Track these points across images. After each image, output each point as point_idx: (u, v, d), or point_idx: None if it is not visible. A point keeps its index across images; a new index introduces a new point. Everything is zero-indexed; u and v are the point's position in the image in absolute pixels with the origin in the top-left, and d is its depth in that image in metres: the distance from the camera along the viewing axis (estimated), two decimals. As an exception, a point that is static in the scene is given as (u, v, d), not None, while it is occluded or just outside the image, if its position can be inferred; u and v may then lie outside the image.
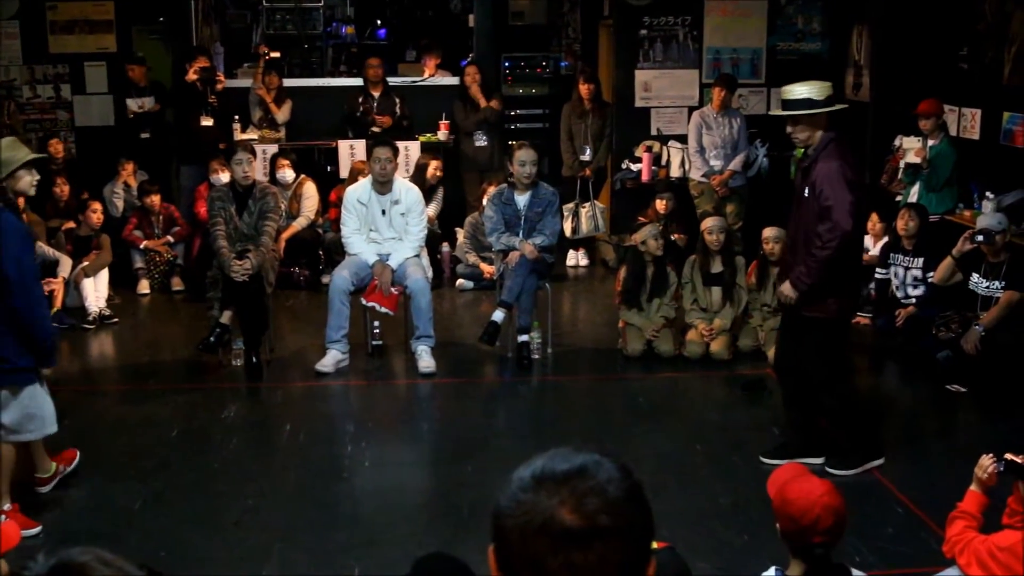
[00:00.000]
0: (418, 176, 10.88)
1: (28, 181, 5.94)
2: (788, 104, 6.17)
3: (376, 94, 11.92)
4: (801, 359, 6.35)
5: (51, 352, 5.74)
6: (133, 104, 11.71)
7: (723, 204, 11.09)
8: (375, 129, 11.56)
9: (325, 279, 9.98)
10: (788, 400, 6.63)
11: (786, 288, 6.25)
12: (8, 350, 5.49)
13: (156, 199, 10.80)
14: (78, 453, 6.33)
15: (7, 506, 5.64)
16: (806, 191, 6.13)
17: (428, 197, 10.71)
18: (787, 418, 6.69)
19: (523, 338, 8.45)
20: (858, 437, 6.47)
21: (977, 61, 10.06)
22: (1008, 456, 4.12)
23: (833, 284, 6.13)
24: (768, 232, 8.57)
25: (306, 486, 6.32)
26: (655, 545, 3.82)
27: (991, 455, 4.12)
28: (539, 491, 1.63)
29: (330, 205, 11.00)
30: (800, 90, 6.15)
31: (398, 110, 11.91)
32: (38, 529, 5.67)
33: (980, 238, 8.02)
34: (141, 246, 10.64)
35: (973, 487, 4.13)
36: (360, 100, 11.90)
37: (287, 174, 10.81)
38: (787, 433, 6.72)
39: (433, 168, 11.16)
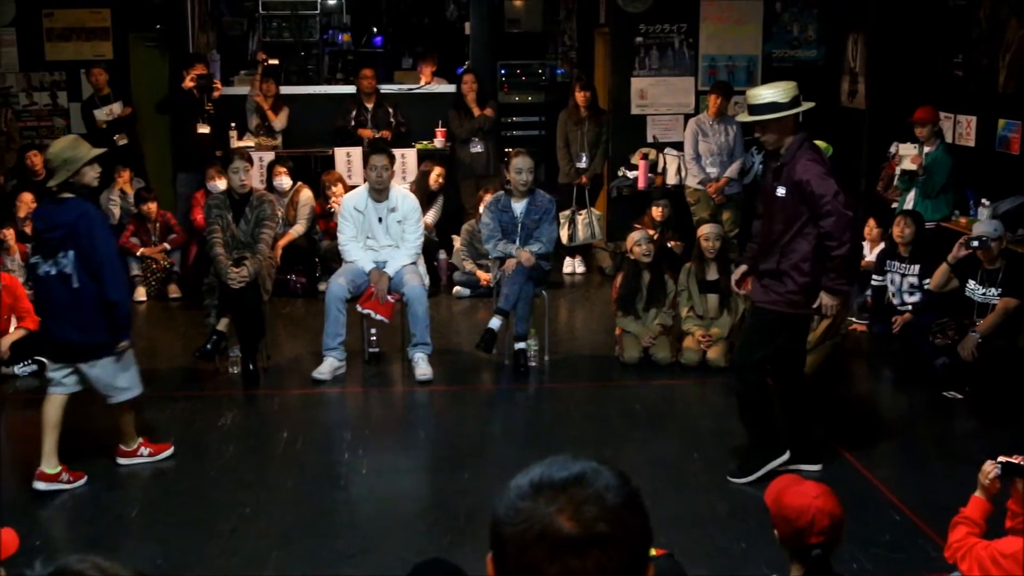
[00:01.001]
0: (421, 183, 10.89)
1: (92, 175, 6.36)
2: (754, 109, 6.13)
3: (370, 105, 11.94)
4: (744, 336, 6.35)
5: (131, 325, 6.47)
6: (101, 114, 11.68)
7: (719, 211, 11.10)
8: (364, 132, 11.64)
9: (321, 286, 9.99)
10: (743, 408, 6.50)
11: (827, 299, 6.14)
12: (104, 332, 6.26)
13: (153, 206, 10.79)
14: (172, 448, 6.87)
15: (52, 468, 6.28)
16: (780, 190, 6.07)
17: (428, 204, 10.73)
18: (744, 423, 6.56)
19: (520, 345, 8.45)
20: (760, 433, 6.42)
21: (972, 68, 10.07)
22: (1002, 458, 4.11)
23: (803, 280, 6.10)
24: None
25: (303, 493, 6.32)
26: (653, 552, 3.83)
27: (993, 460, 4.11)
28: (537, 499, 1.63)
29: (318, 217, 10.99)
30: (765, 94, 6.09)
31: (392, 119, 11.93)
32: (83, 481, 6.34)
33: (975, 244, 8.02)
34: (138, 253, 10.64)
35: (977, 493, 4.13)
36: (354, 112, 11.91)
37: (284, 181, 10.80)
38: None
39: (436, 175, 11.17)
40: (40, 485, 6.22)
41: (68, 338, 6.25)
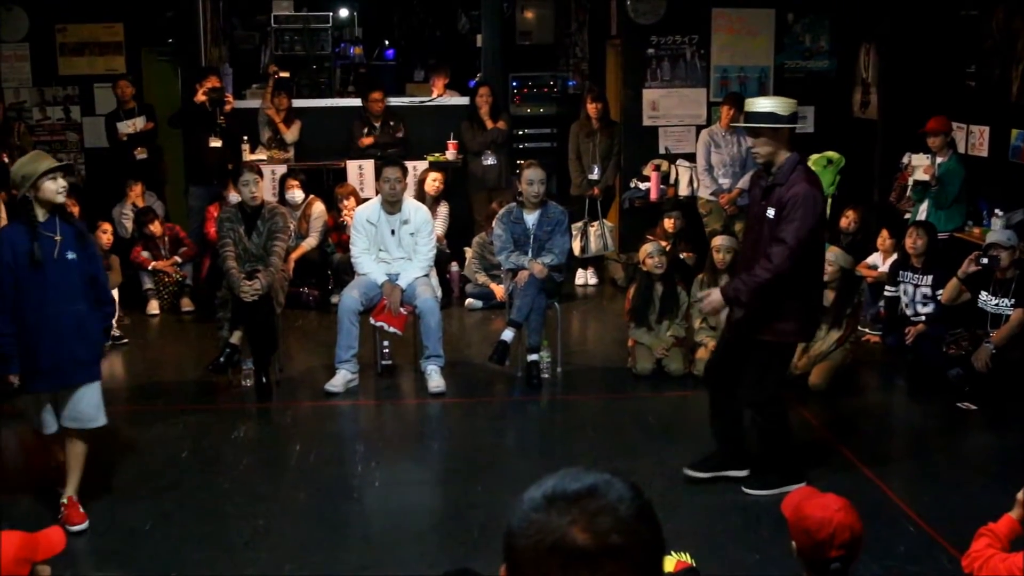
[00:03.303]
0: (418, 190, 10.89)
1: (53, 189, 5.87)
2: (751, 117, 6.13)
3: (378, 125, 11.96)
4: (743, 377, 6.30)
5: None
6: (124, 127, 11.72)
7: (732, 222, 11.08)
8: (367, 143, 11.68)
9: (334, 299, 10.00)
10: (716, 413, 6.55)
11: (715, 296, 6.16)
12: (95, 349, 6.16)
13: (156, 226, 10.81)
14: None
15: (69, 495, 6.07)
16: (770, 212, 6.01)
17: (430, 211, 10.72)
18: (713, 430, 6.59)
19: (532, 357, 8.44)
20: (779, 459, 6.43)
21: (985, 78, 10.06)
22: None
23: (790, 308, 6.07)
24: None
25: (316, 506, 6.32)
26: (675, 566, 3.81)
27: None
28: (550, 511, 1.63)
29: (330, 230, 11.00)
30: (765, 103, 6.11)
31: (400, 135, 11.94)
32: (86, 524, 5.96)
33: (985, 260, 8.02)
34: (149, 267, 10.66)
35: (1011, 513, 4.05)
36: (365, 130, 11.93)
37: (296, 194, 10.82)
38: (713, 445, 6.63)
39: (432, 180, 11.14)
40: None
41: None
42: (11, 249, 5.80)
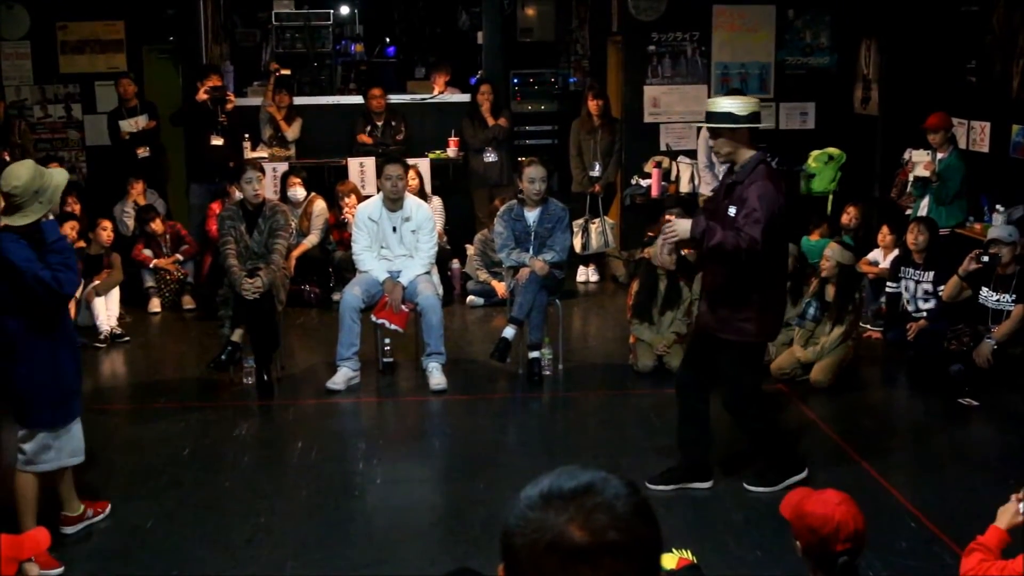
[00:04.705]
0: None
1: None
2: (711, 117, 6.12)
3: (380, 123, 11.96)
4: (717, 380, 6.28)
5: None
6: (126, 125, 11.72)
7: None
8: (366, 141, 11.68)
9: (335, 296, 10.00)
10: (684, 418, 6.49)
11: (681, 224, 6.08)
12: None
13: (158, 224, 10.81)
14: (110, 506, 6.17)
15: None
16: (732, 210, 5.98)
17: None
18: (679, 437, 6.54)
19: (534, 354, 8.45)
20: (776, 455, 6.43)
21: (986, 74, 10.06)
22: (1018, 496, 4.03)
23: (753, 308, 6.04)
24: None
25: (318, 504, 6.33)
26: (677, 563, 3.81)
27: (1020, 494, 4.04)
28: (547, 509, 1.63)
29: (332, 227, 11.00)
30: (724, 103, 6.09)
31: (400, 136, 11.94)
32: (59, 570, 5.45)
33: (986, 259, 8.02)
34: (151, 265, 10.66)
35: (997, 524, 4.05)
36: (368, 129, 11.95)
37: (298, 192, 10.82)
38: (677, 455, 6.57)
39: (410, 179, 10.80)
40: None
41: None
42: None
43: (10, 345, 5.47)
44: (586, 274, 11.92)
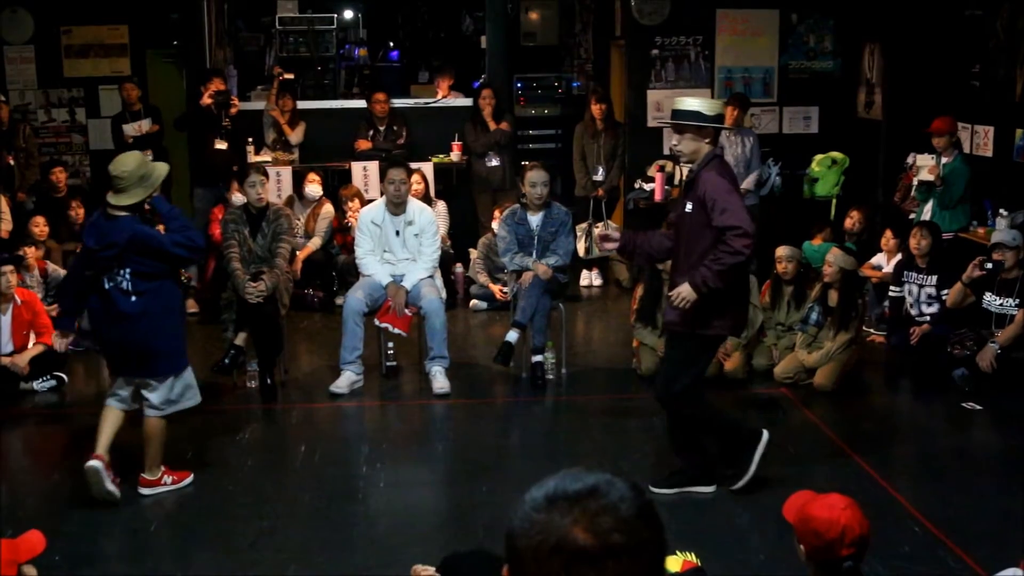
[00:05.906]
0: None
1: None
2: (676, 114, 6.13)
3: (383, 128, 11.97)
4: (664, 367, 6.28)
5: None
6: (130, 128, 11.72)
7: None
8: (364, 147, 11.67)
9: (339, 300, 10.00)
10: (672, 425, 6.46)
11: (684, 290, 5.99)
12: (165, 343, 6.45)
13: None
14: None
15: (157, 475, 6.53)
16: (689, 206, 6.02)
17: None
18: (673, 445, 6.52)
19: (537, 358, 8.44)
20: (694, 460, 6.37)
21: (990, 78, 10.06)
22: None
23: (718, 301, 6.01)
24: (781, 251, 8.60)
25: (321, 507, 6.32)
26: (682, 566, 3.81)
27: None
28: (552, 511, 1.63)
29: (335, 231, 11.00)
30: (692, 102, 6.12)
31: (402, 141, 11.94)
32: (189, 479, 6.59)
33: (990, 266, 8.02)
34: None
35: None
36: (371, 133, 11.96)
37: (315, 189, 10.89)
38: (677, 461, 6.53)
39: (414, 183, 10.86)
40: (145, 490, 6.45)
41: (129, 350, 6.33)
42: None
43: (125, 311, 6.23)
44: (589, 278, 11.92)
